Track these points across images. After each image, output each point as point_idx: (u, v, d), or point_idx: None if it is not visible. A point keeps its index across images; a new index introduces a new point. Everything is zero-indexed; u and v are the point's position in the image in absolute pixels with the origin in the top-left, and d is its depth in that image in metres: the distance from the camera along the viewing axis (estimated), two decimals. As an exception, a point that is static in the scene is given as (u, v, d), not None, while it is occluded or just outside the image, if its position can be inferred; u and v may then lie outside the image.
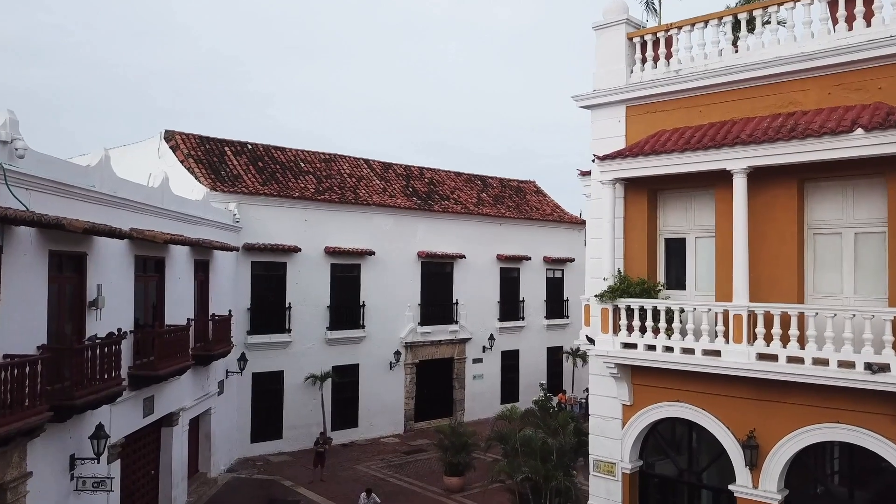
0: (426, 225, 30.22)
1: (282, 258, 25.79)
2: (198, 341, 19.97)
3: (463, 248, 31.28)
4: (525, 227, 34.14)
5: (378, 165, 31.98)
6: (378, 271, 28.40)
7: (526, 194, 37.10)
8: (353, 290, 27.81)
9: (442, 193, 32.42)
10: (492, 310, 32.57)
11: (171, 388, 17.87)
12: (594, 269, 14.33)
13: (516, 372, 33.66)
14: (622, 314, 13.08)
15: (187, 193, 21.98)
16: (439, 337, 30.34)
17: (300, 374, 26.07)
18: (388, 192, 30.14)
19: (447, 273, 31.01)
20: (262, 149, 28.55)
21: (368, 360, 28.11)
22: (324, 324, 26.81)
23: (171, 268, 18.13)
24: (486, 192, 34.82)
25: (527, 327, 33.94)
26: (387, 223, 28.91)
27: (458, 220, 31.44)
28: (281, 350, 25.69)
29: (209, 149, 26.72)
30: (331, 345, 26.99)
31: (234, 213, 24.35)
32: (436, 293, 30.42)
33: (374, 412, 28.27)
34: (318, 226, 26.83)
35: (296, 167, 28.57)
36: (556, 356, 35.33)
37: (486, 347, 32.13)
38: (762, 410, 11.59)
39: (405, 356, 29.23)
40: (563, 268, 35.76)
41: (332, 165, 30.05)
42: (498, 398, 32.83)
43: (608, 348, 13.14)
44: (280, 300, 25.81)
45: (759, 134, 11.45)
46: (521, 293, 33.75)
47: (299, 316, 26.11)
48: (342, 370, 27.32)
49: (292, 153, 29.37)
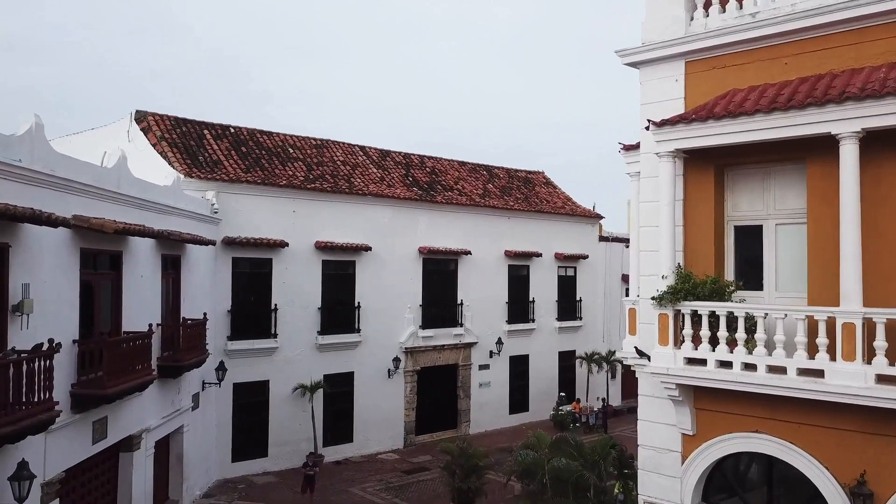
0: (428, 218, 27.43)
1: (267, 254, 22.98)
2: (165, 350, 17.18)
3: (468, 243, 28.50)
4: (535, 220, 31.38)
5: (375, 153, 29.18)
6: (375, 269, 25.62)
7: (535, 186, 34.33)
8: (347, 289, 25.01)
9: (445, 184, 29.63)
10: (500, 311, 29.81)
11: (129, 407, 15.06)
12: (646, 264, 11.56)
13: (526, 379, 30.91)
14: (686, 321, 10.34)
15: (160, 181, 19.17)
16: (442, 341, 27.57)
17: (287, 384, 23.26)
18: (386, 182, 27.34)
19: (451, 271, 28.24)
20: (247, 133, 25.73)
21: (364, 367, 25.32)
22: (314, 327, 24.00)
23: (130, 264, 15.31)
24: (492, 184, 32.03)
25: (537, 330, 31.18)
26: (384, 215, 26.11)
27: (463, 213, 28.66)
28: (266, 357, 22.88)
29: (185, 131, 23.88)
30: (322, 351, 24.18)
31: (212, 203, 21.53)
32: (439, 293, 27.65)
33: (371, 425, 25.48)
34: (308, 218, 24.02)
35: (283, 153, 25.74)
36: (569, 361, 32.58)
37: (494, 352, 29.37)
38: (878, 448, 8.88)
39: (405, 363, 26.45)
40: (576, 265, 33.01)
41: (323, 152, 27.23)
42: (506, 408, 30.11)
43: (667, 364, 10.39)
44: (265, 301, 22.99)
45: (876, 86, 8.69)
46: (530, 293, 31.00)
47: (287, 319, 23.30)
48: (335, 379, 24.52)
49: (280, 138, 26.54)
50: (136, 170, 17.17)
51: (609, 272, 34.57)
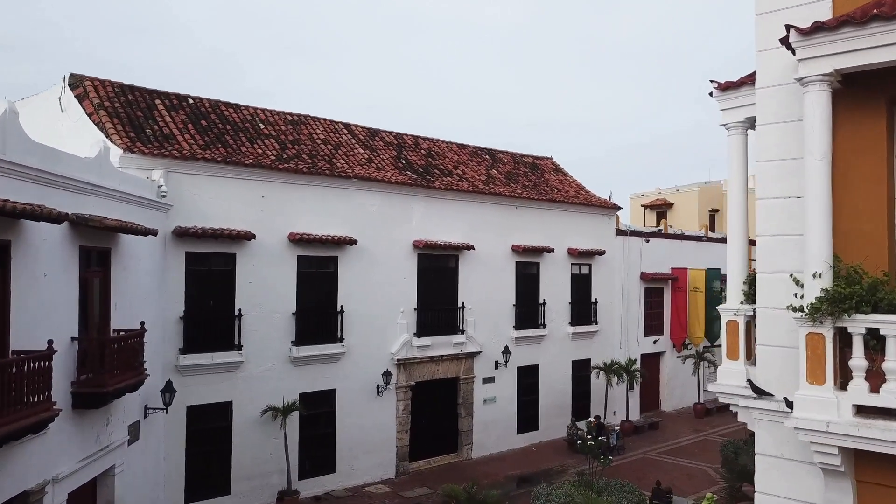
0: (424, 206, 23.43)
1: (229, 248, 18.91)
2: (85, 372, 13.09)
3: (470, 236, 24.53)
4: (546, 211, 27.42)
5: (362, 132, 25.12)
6: (361, 266, 21.60)
7: (543, 172, 30.36)
8: (328, 291, 20.97)
9: (443, 168, 25.61)
10: (506, 315, 25.84)
11: (21, 454, 10.98)
12: (769, 256, 7.59)
13: (536, 392, 26.95)
14: (856, 345, 6.44)
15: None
16: (441, 351, 23.56)
17: (255, 406, 19.21)
18: (375, 164, 23.31)
19: (451, 269, 24.25)
20: (208, 104, 21.60)
21: (348, 383, 21.28)
22: (287, 337, 19.95)
23: (23, 258, 11.22)
24: (496, 169, 28.04)
25: (548, 336, 27.23)
26: (373, 203, 22.08)
27: (465, 202, 24.66)
28: (228, 374, 18.81)
29: (131, 100, 19.75)
30: (297, 365, 20.14)
31: (159, 184, 17.43)
32: (437, 295, 23.66)
33: (357, 452, 21.44)
34: (281, 205, 19.98)
35: (253, 129, 21.65)
36: (583, 372, 28.66)
37: (500, 363, 25.40)
38: None
39: (397, 377, 22.44)
40: (591, 262, 29.09)
41: (301, 128, 23.15)
42: (514, 427, 26.13)
43: (827, 416, 6.46)
44: (227, 306, 18.92)
45: None
46: (541, 294, 27.05)
47: (254, 327, 19.25)
48: (313, 399, 20.48)
49: (249, 111, 22.43)
50: (67, 146, 13.19)
51: (627, 270, 30.68)
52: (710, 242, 35.86)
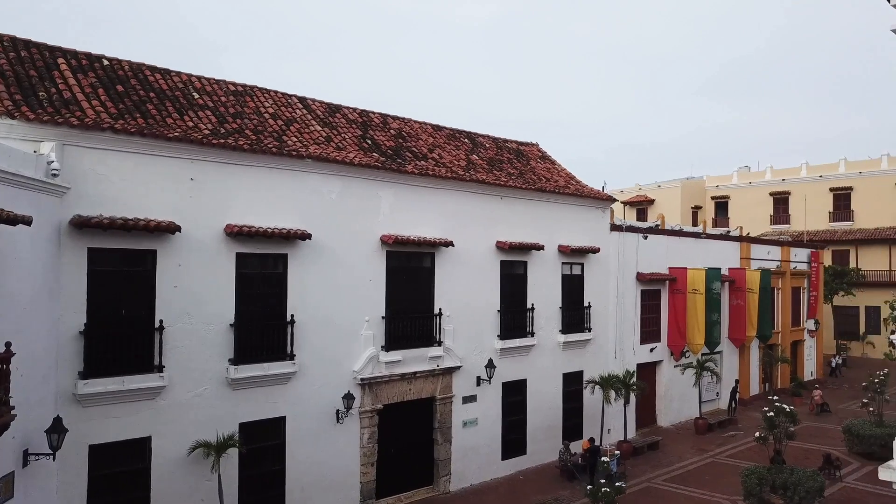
0: (393, 194, 19.69)
1: (147, 243, 14.96)
2: None
3: (449, 230, 20.86)
4: (534, 203, 23.86)
5: (320, 107, 21.24)
6: (317, 266, 17.79)
7: (530, 160, 26.79)
8: (276, 297, 17.11)
9: (416, 151, 21.86)
10: (490, 323, 22.22)
11: None
12: None
13: (523, 412, 23.37)
14: None
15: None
16: (414, 367, 19.83)
17: (181, 442, 15.28)
18: (335, 144, 19.48)
19: (426, 269, 20.53)
20: (129, 68, 17.54)
21: (301, 409, 17.45)
22: (224, 354, 16.07)
23: None
24: (477, 154, 24.39)
25: (537, 347, 23.67)
26: (331, 189, 18.27)
27: (442, 190, 20.96)
28: (146, 403, 14.86)
29: (25, 57, 15.65)
30: (237, 388, 16.26)
31: (50, 160, 13.42)
32: (409, 300, 19.93)
33: (312, 492, 17.61)
34: (215, 190, 16.09)
35: (184, 98, 17.66)
36: (575, 386, 25.21)
37: (483, 379, 21.77)
38: None
39: (361, 400, 18.66)
40: (584, 261, 25.62)
41: (245, 100, 19.20)
42: (498, 452, 22.53)
43: None
44: (143, 316, 14.95)
45: None
46: (528, 298, 23.48)
47: (179, 342, 15.33)
48: (257, 430, 16.62)
49: (181, 78, 18.42)
50: None
51: (623, 270, 27.30)
52: (709, 240, 32.74)
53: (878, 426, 24.84)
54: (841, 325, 51.70)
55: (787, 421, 19.51)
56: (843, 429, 25.83)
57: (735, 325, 33.21)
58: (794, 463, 20.85)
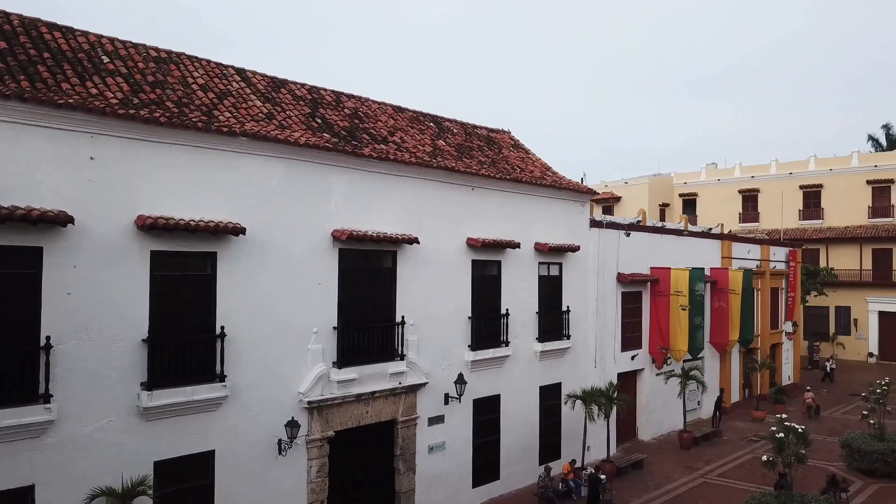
0: (348, 182, 16.73)
1: (31, 239, 11.73)
2: None
3: (413, 225, 18.01)
4: (508, 195, 21.17)
5: (262, 80, 18.11)
6: (253, 267, 14.73)
7: (502, 148, 24.06)
8: (202, 305, 13.98)
9: (375, 133, 18.92)
10: (460, 332, 19.43)
11: None
12: None
13: (496, 431, 20.64)
14: None
15: None
16: (372, 386, 16.88)
17: (75, 490, 12.08)
18: (278, 121, 16.42)
19: (386, 270, 17.62)
20: (20, 22, 14.19)
21: (234, 442, 14.36)
22: (135, 377, 12.91)
23: None
24: (443, 140, 21.55)
25: (512, 357, 20.97)
26: (272, 174, 15.22)
27: (405, 178, 18.09)
28: (28, 443, 11.63)
29: None
30: (151, 419, 13.10)
31: None
32: (366, 306, 17.00)
33: (247, 541, 14.58)
34: (124, 173, 12.92)
35: (90, 62, 14.39)
36: (553, 399, 22.61)
37: (452, 396, 18.96)
38: None
39: (309, 427, 15.65)
40: (562, 261, 23.03)
41: (169, 68, 15.98)
42: (468, 479, 19.75)
43: None
44: (26, 331, 11.72)
45: None
46: (502, 302, 20.76)
47: (77, 363, 12.15)
48: (178, 469, 13.49)
49: (88, 39, 15.12)
50: None
51: (603, 270, 24.81)
52: (691, 237, 30.54)
53: (880, 440, 22.84)
54: (811, 326, 50.46)
55: (798, 442, 17.19)
56: (842, 442, 23.80)
57: (717, 329, 31.08)
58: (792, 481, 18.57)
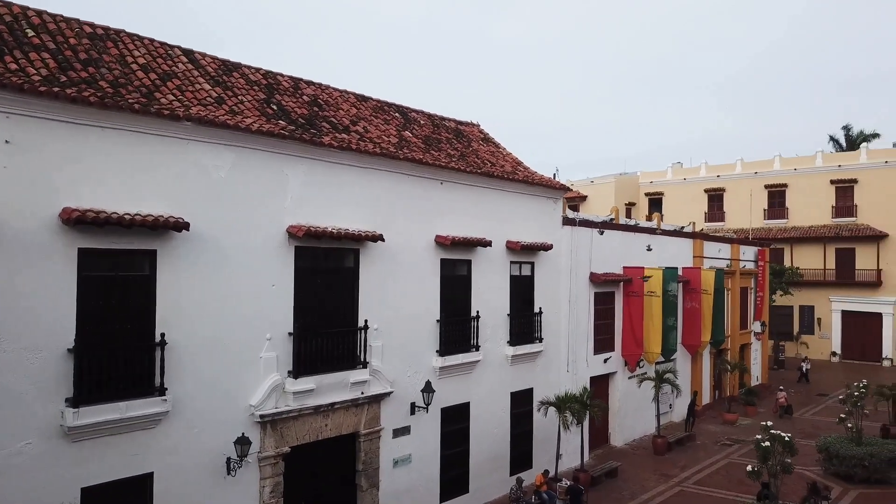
0: (305, 173, 15.30)
1: (-70, 234, 10.10)
2: None
3: (378, 221, 16.67)
4: (479, 190, 19.96)
5: (212, 63, 16.56)
6: (199, 267, 13.21)
7: (471, 141, 22.84)
8: (138, 310, 12.42)
9: (336, 121, 17.52)
10: (428, 336, 18.15)
11: None
12: None
13: (465, 442, 19.42)
14: None
15: None
16: (332, 397, 15.47)
17: (-15, 524, 10.52)
18: (229, 106, 14.92)
19: (348, 270, 16.24)
20: (-72, -11, 12.48)
21: (176, 462, 12.84)
22: (59, 392, 11.32)
23: None
24: (410, 131, 20.24)
25: (483, 362, 19.78)
26: (220, 163, 13.73)
27: (369, 171, 16.73)
28: (-76, 471, 10.02)
29: None
30: (78, 440, 11.53)
31: None
32: (325, 310, 15.59)
33: (191, 573, 13.07)
34: (46, 159, 11.32)
35: (12, 35, 12.72)
36: (524, 406, 21.49)
37: (419, 406, 17.67)
38: None
39: (262, 443, 14.20)
40: (535, 260, 21.93)
41: (106, 46, 14.36)
42: (436, 493, 18.50)
43: None
44: (-77, 342, 10.11)
45: None
46: (473, 304, 19.56)
47: (-16, 379, 10.55)
48: (109, 496, 11.92)
49: (11, 10, 13.42)
50: None
51: (576, 270, 23.79)
52: (664, 236, 29.75)
53: (858, 444, 22.25)
54: (775, 326, 50.45)
55: (784, 450, 16.35)
56: (819, 446, 23.18)
57: (689, 331, 30.37)
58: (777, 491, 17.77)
